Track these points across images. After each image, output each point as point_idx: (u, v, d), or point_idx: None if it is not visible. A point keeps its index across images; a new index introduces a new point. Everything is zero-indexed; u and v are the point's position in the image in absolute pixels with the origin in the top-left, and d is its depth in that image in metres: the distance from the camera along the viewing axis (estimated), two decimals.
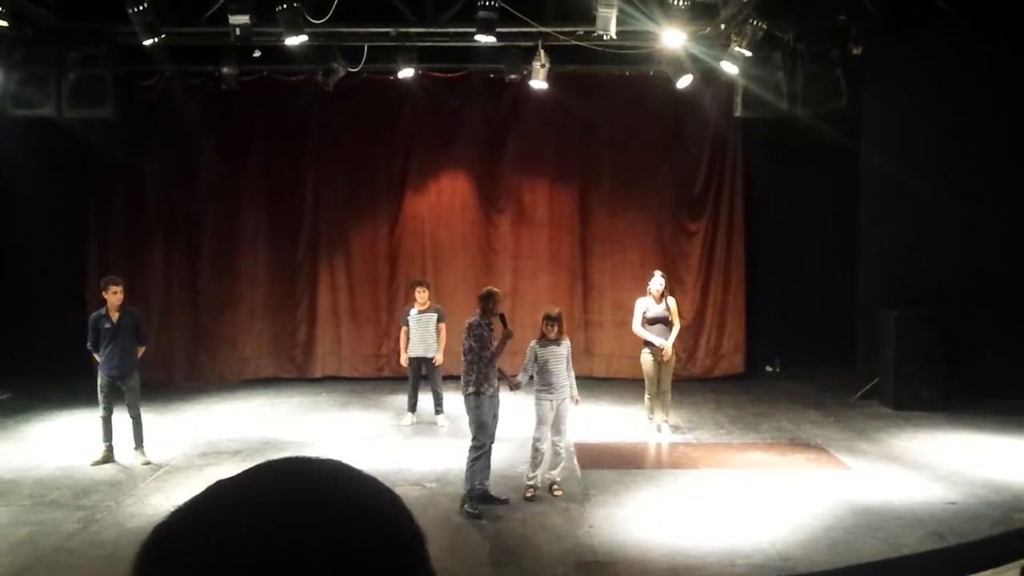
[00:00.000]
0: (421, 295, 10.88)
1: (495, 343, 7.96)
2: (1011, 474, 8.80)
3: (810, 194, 13.19)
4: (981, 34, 11.42)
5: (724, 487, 8.54)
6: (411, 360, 10.90)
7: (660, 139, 13.79)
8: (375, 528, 0.71)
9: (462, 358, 8.03)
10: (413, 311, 10.89)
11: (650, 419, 10.47)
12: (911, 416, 11.18)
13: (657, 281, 10.29)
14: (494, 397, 8.01)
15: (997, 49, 11.55)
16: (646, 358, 10.28)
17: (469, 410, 7.98)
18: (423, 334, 10.82)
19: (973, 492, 8.26)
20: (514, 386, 8.05)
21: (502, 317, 8.04)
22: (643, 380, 10.42)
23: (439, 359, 10.83)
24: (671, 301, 10.33)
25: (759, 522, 7.51)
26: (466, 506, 7.83)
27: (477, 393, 7.90)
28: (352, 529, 0.69)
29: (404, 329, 10.97)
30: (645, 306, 10.26)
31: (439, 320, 10.86)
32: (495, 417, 8.08)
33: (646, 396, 10.43)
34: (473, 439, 7.97)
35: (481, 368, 7.90)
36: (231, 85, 12.42)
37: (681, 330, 13.78)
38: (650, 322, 10.20)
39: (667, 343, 10.15)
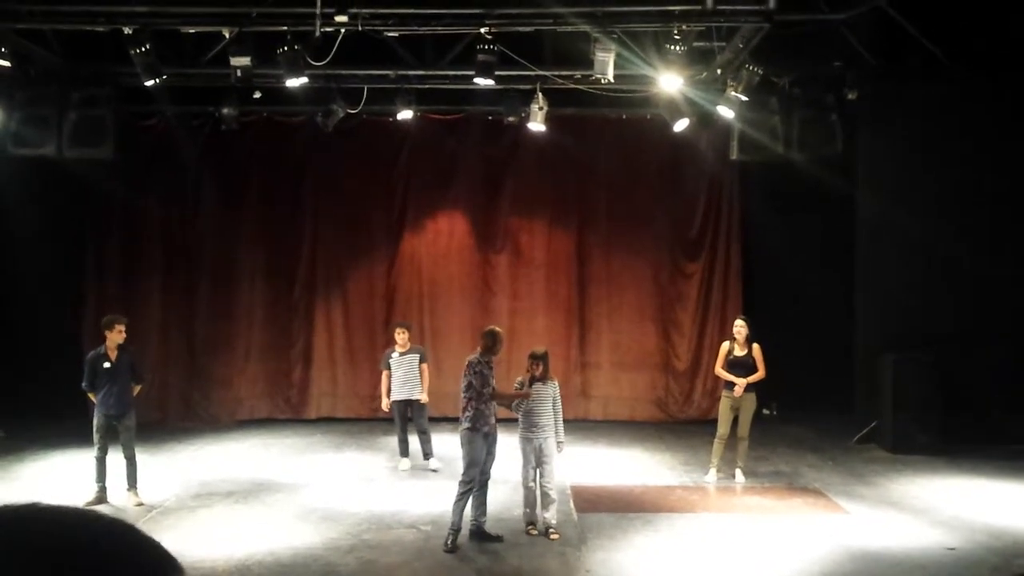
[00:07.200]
0: (401, 336, 10.80)
1: (493, 382, 8.06)
2: (1011, 519, 8.74)
3: (807, 237, 13.23)
4: (975, 80, 11.55)
5: (722, 531, 8.47)
6: (396, 404, 10.73)
7: (657, 182, 13.87)
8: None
9: (461, 395, 8.07)
10: (395, 354, 10.76)
11: (711, 465, 10.34)
12: (909, 460, 11.12)
13: (737, 325, 10.34)
14: (490, 435, 8.05)
15: (991, 95, 11.67)
16: (723, 401, 10.31)
17: (463, 444, 8.05)
18: (406, 376, 10.69)
19: (972, 538, 8.20)
20: (525, 397, 8.17)
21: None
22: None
23: (424, 399, 10.71)
24: (755, 348, 10.19)
25: (757, 567, 7.44)
26: (448, 540, 7.84)
27: (472, 429, 7.97)
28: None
29: (385, 373, 10.81)
30: (728, 349, 10.27)
31: (421, 361, 10.75)
32: (491, 454, 8.12)
33: (714, 441, 10.34)
34: (463, 473, 8.02)
35: (478, 405, 7.96)
36: (231, 125, 12.47)
37: (679, 373, 13.93)
38: (731, 365, 10.20)
39: (741, 381, 10.05)
